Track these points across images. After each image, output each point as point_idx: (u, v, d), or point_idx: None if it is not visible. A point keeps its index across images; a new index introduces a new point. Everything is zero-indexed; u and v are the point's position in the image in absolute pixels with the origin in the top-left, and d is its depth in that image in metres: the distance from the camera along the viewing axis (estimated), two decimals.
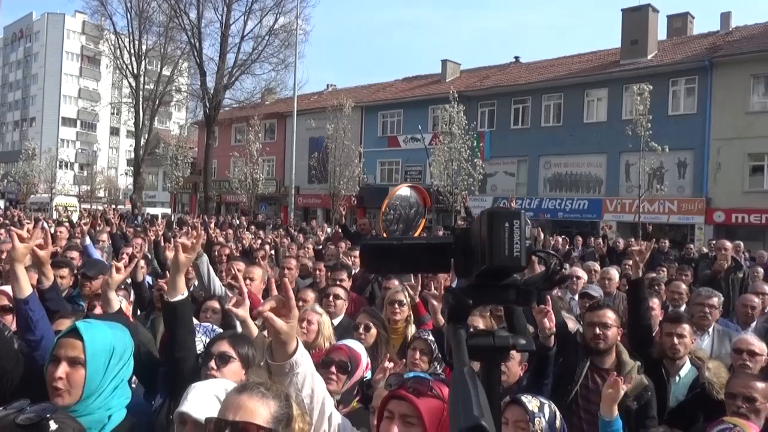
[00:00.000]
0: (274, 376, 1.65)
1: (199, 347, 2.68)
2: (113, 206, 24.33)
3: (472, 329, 0.97)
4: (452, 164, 24.15)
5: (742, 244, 11.49)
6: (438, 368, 3.67)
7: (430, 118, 30.45)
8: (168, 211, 33.83)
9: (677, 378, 3.76)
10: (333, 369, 2.75)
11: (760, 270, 8.94)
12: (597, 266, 7.76)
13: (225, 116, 35.52)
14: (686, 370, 3.77)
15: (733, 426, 2.25)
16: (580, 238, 13.95)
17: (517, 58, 32.95)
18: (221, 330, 3.26)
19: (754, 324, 5.10)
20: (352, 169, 28.24)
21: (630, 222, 22.07)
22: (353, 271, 6.74)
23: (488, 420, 0.74)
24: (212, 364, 2.34)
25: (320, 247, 7.84)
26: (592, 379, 3.48)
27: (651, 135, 19.60)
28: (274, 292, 1.82)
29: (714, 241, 11.82)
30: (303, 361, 1.62)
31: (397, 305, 4.57)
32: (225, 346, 2.40)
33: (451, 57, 38.04)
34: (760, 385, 2.82)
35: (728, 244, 8.10)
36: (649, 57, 25.60)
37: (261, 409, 1.57)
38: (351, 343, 2.99)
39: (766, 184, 22.20)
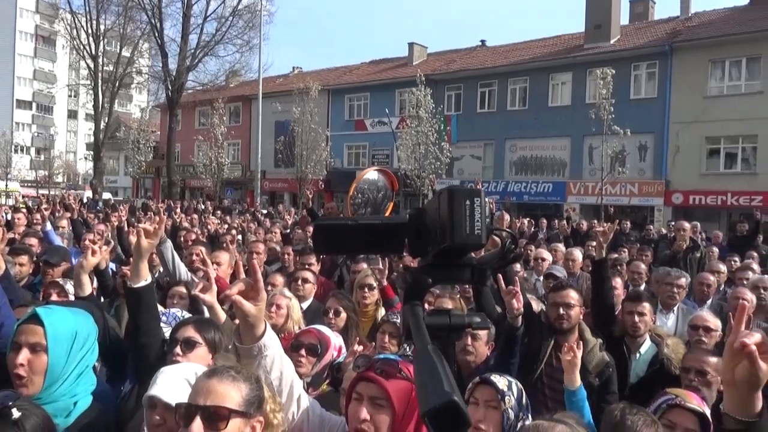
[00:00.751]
0: (243, 359, 1.64)
1: (166, 333, 2.64)
2: (72, 192, 23.65)
3: (428, 308, 0.98)
4: (419, 148, 24.20)
5: (699, 224, 11.86)
6: (407, 350, 3.71)
7: (397, 102, 30.39)
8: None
9: (638, 354, 3.88)
10: (302, 352, 2.75)
11: (716, 250, 9.27)
12: (561, 247, 7.93)
13: (188, 99, 34.75)
14: (646, 346, 3.90)
15: (675, 396, 2.34)
16: (544, 221, 14.15)
17: (483, 41, 33.03)
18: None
19: (709, 301, 5.30)
20: (319, 153, 28.02)
21: (593, 204, 22.53)
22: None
23: (458, 395, 0.75)
24: (178, 349, 2.32)
25: (288, 231, 7.78)
26: (556, 357, 3.56)
27: (613, 119, 19.96)
28: (242, 275, 1.81)
29: (673, 223, 12.17)
30: (271, 344, 1.62)
31: (366, 289, 4.59)
32: (191, 332, 2.37)
33: (418, 40, 37.88)
34: (711, 359, 2.93)
35: (687, 225, 8.36)
36: (612, 41, 26.00)
37: (232, 393, 1.57)
38: (322, 328, 3.00)
39: (722, 166, 22.91)
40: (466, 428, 0.77)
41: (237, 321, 1.63)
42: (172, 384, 1.78)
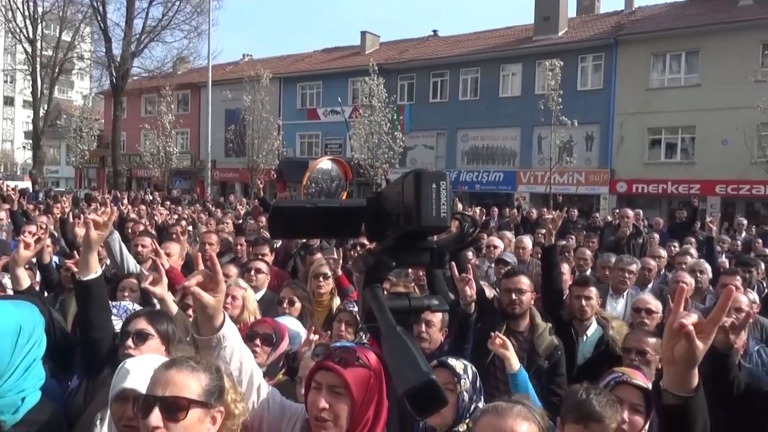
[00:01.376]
0: (202, 351, 1.63)
1: (117, 327, 2.58)
2: (9, 183, 22.55)
3: (386, 292, 0.99)
4: (372, 137, 24.19)
5: (641, 212, 12.35)
6: (363, 338, 3.74)
7: (350, 91, 30.24)
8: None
9: (585, 337, 4.03)
10: (258, 342, 2.74)
11: (657, 236, 9.68)
12: (510, 235, 8.12)
13: (134, 86, 33.55)
14: (593, 329, 4.05)
15: (621, 374, 2.46)
16: (496, 209, 14.45)
17: (435, 31, 33.20)
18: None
19: (651, 285, 5.53)
20: (271, 142, 27.60)
21: (542, 193, 23.11)
22: (275, 245, 6.68)
23: (435, 374, 0.77)
24: (129, 342, 2.27)
25: (240, 221, 7.67)
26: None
27: (561, 109, 20.48)
28: (201, 266, 1.78)
29: (617, 210, 12.61)
30: (230, 335, 1.61)
31: (321, 278, 4.59)
32: (142, 324, 2.32)
33: (371, 29, 37.74)
34: (651, 339, 3.07)
35: (630, 212, 8.68)
36: (560, 34, 26.58)
37: (191, 383, 1.55)
38: (282, 318, 2.99)
39: (663, 156, 23.84)
40: (444, 406, 0.78)
41: (192, 312, 1.61)
42: (143, 376, 1.74)
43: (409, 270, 5.50)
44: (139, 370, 1.79)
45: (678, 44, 23.13)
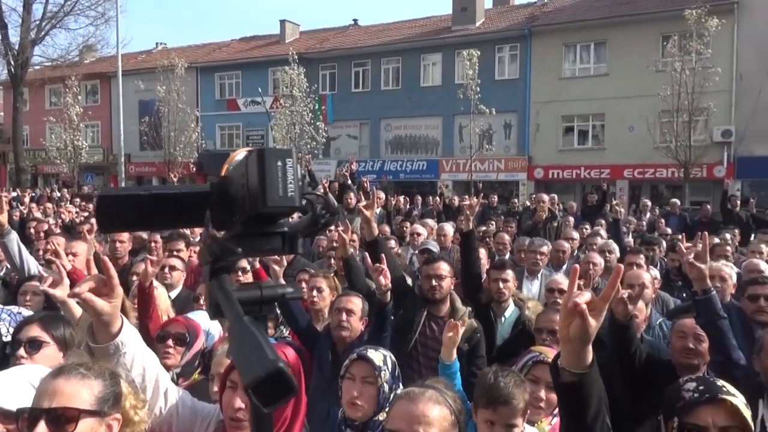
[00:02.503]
0: (99, 359, 1.52)
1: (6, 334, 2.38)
2: None
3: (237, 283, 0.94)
4: (294, 128, 23.86)
5: (556, 196, 12.86)
6: (284, 332, 3.68)
7: (271, 81, 29.63)
8: None
9: (503, 318, 4.16)
10: (170, 342, 2.62)
11: (571, 219, 10.12)
12: (432, 223, 8.25)
13: (36, 76, 31.30)
14: (510, 310, 4.18)
15: (538, 354, 2.55)
16: (419, 197, 14.63)
17: (355, 20, 33.06)
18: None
19: (565, 266, 5.78)
20: (189, 134, 26.60)
21: (464, 180, 23.63)
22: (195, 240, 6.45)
23: (283, 362, 0.73)
24: (22, 351, 2.10)
25: None
26: (429, 327, 3.72)
27: (480, 98, 20.98)
28: (93, 270, 1.67)
29: (534, 195, 13.09)
30: (130, 341, 1.51)
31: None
32: (36, 330, 2.16)
33: (290, 17, 37.05)
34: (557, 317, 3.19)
35: (545, 197, 9.04)
36: (477, 24, 27.17)
37: (82, 391, 1.45)
38: (191, 314, 2.87)
39: (576, 143, 24.96)
40: (293, 395, 0.74)
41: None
42: (12, 388, 1.60)
43: (334, 261, 5.47)
44: (3, 384, 1.64)
45: (587, 35, 24.22)
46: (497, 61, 25.77)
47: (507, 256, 6.32)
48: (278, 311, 3.52)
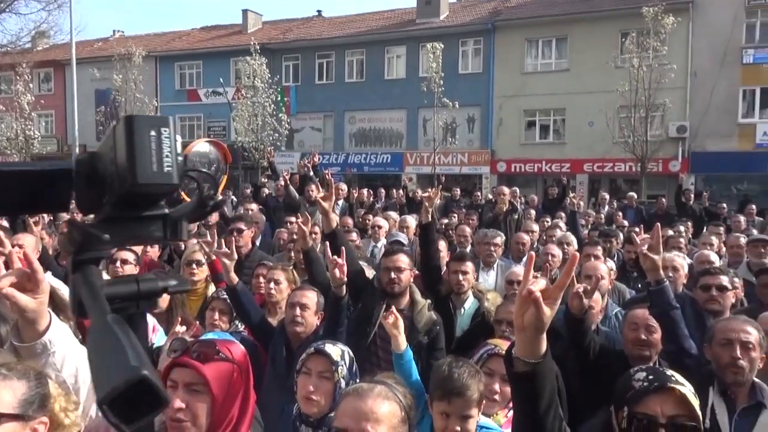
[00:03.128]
0: (25, 359, 1.42)
1: None
2: None
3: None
4: (257, 119, 23.50)
5: (517, 189, 13.03)
6: (239, 326, 3.59)
7: (233, 71, 29.09)
8: None
9: (462, 310, 4.15)
10: None
11: (533, 212, 10.25)
12: (395, 215, 8.24)
13: None
14: (470, 302, 4.18)
15: (494, 346, 2.54)
16: (382, 190, 14.60)
17: (319, 11, 32.72)
18: None
19: (525, 258, 5.82)
20: None
21: (428, 174, 23.71)
22: None
23: (149, 368, 0.61)
24: None
25: None
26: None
27: (444, 92, 21.04)
28: (17, 264, 1.55)
29: (495, 188, 13.20)
30: (59, 339, 1.41)
31: (194, 265, 4.36)
32: None
33: (252, 7, 36.43)
34: None
35: (506, 189, 9.11)
36: (442, 17, 27.21)
37: (3, 394, 1.35)
38: None
39: (538, 137, 25.31)
40: (163, 407, 0.62)
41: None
42: None
43: (293, 254, 5.39)
44: None
45: (549, 31, 24.52)
46: (461, 54, 25.88)
47: (468, 249, 6.34)
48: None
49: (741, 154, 21.71)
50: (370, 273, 4.29)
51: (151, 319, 2.65)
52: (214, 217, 7.70)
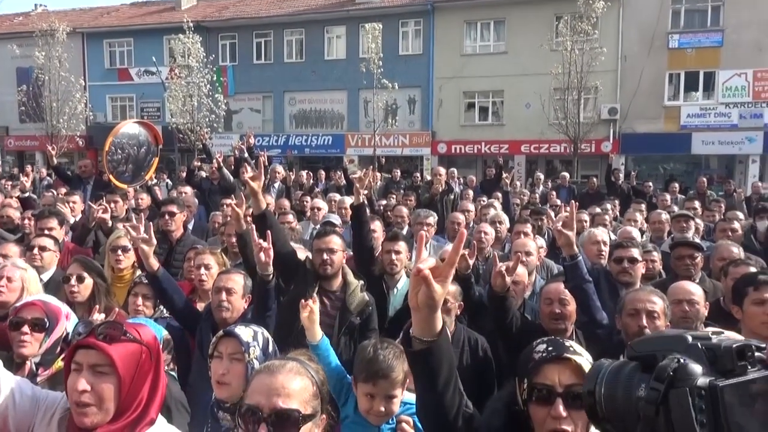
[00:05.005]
0: None
1: None
2: None
3: None
4: (192, 100, 22.75)
5: (455, 170, 13.23)
6: (164, 312, 3.50)
7: (166, 50, 27.98)
8: None
9: (395, 290, 4.19)
10: (25, 329, 2.39)
11: (471, 192, 10.44)
12: (337, 197, 8.19)
13: None
14: (403, 282, 4.22)
15: None
16: (323, 172, 14.51)
17: None
18: None
19: None
20: (74, 105, 24.55)
21: (370, 155, 23.69)
22: (73, 220, 6.00)
23: None
24: None
25: (26, 194, 6.78)
26: (321, 302, 3.66)
27: (383, 73, 20.99)
28: None
29: (432, 169, 13.35)
30: None
31: (120, 251, 4.22)
32: None
33: None
34: (451, 288, 3.26)
35: (442, 170, 9.22)
36: None
37: None
38: (46, 297, 2.63)
39: (477, 119, 25.69)
40: None
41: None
42: None
43: (224, 237, 5.28)
44: None
45: (487, 13, 24.78)
46: (401, 36, 25.83)
47: (405, 229, 6.39)
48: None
49: (667, 136, 22.78)
50: (304, 256, 4.27)
51: (63, 306, 2.55)
52: (146, 201, 7.46)
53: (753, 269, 3.42)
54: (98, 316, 2.63)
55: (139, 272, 4.03)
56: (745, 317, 2.62)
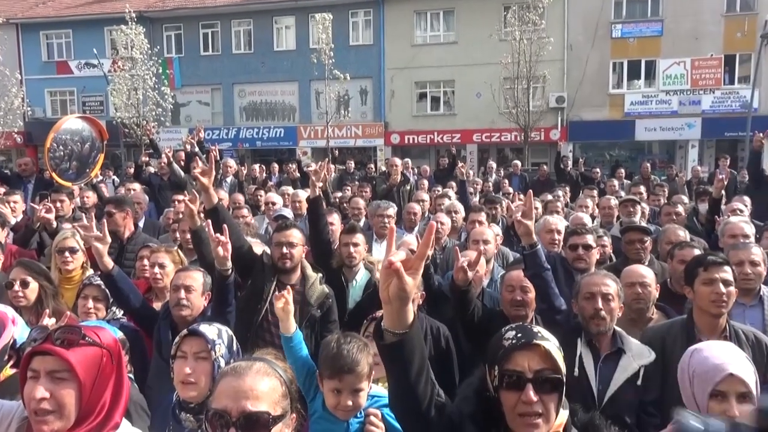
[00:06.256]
0: None
1: None
2: None
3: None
4: (137, 93, 22.01)
5: (410, 161, 13.29)
6: (117, 313, 3.39)
7: (108, 41, 26.96)
8: None
9: (354, 282, 4.18)
10: None
11: (425, 182, 10.51)
12: (290, 190, 8.09)
13: None
14: (361, 274, 4.22)
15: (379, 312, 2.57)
16: (276, 165, 14.32)
17: None
18: None
19: (417, 228, 5.96)
20: (10, 100, 23.34)
21: (323, 147, 23.53)
22: (15, 221, 5.73)
23: None
24: None
25: None
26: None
27: (334, 63, 20.84)
28: None
29: (387, 160, 13.38)
30: None
31: (68, 252, 4.05)
32: None
33: None
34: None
35: (398, 161, 9.24)
36: None
37: None
38: None
39: (429, 109, 25.85)
40: None
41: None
42: None
43: (178, 234, 5.14)
44: None
45: (436, 3, 24.89)
46: (351, 26, 25.67)
47: (362, 221, 6.38)
48: (107, 291, 3.22)
49: (612, 123, 23.51)
50: (260, 250, 4.21)
51: (9, 310, 2.43)
52: (92, 199, 7.19)
53: (696, 251, 3.56)
54: (49, 321, 2.52)
55: (89, 273, 3.89)
56: (696, 297, 2.74)
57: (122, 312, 3.33)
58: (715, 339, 2.53)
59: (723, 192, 5.59)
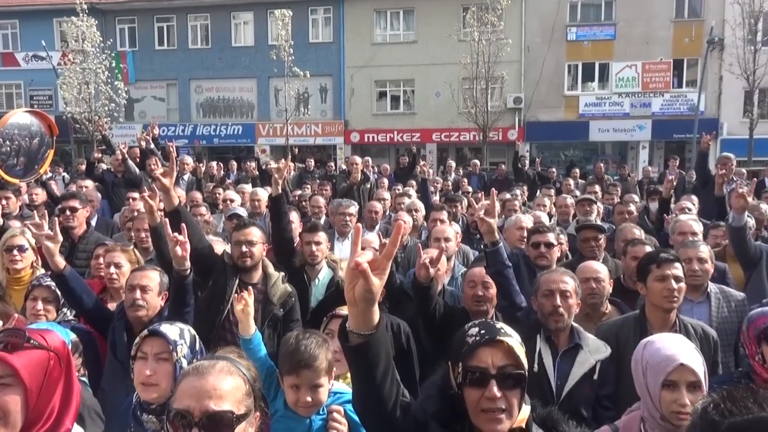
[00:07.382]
0: None
1: None
2: None
3: None
4: (88, 87, 21.31)
5: (370, 159, 13.29)
6: (68, 314, 3.28)
7: (57, 33, 26.00)
8: None
9: (317, 281, 4.17)
10: None
11: (386, 180, 10.53)
12: (248, 188, 7.99)
13: None
14: (324, 272, 4.21)
15: (338, 309, 2.61)
16: (234, 163, 14.11)
17: None
18: None
19: (378, 226, 5.97)
20: None
21: (282, 145, 23.30)
22: None
23: None
24: None
25: None
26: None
27: (294, 61, 20.66)
28: None
29: (347, 158, 13.34)
30: None
31: (16, 251, 3.90)
32: None
33: None
34: None
35: (358, 159, 9.24)
36: None
37: None
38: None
39: (389, 107, 25.91)
40: None
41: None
42: None
43: (132, 233, 5.01)
44: None
45: (396, 2, 24.96)
46: (311, 23, 25.50)
47: (323, 219, 6.35)
48: (58, 291, 3.11)
49: (567, 124, 24.09)
50: (221, 249, 4.14)
51: None
52: (41, 197, 6.93)
53: (648, 248, 3.69)
54: None
55: (38, 273, 3.75)
56: (649, 292, 2.83)
57: (74, 313, 3.22)
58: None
59: (672, 192, 5.80)
